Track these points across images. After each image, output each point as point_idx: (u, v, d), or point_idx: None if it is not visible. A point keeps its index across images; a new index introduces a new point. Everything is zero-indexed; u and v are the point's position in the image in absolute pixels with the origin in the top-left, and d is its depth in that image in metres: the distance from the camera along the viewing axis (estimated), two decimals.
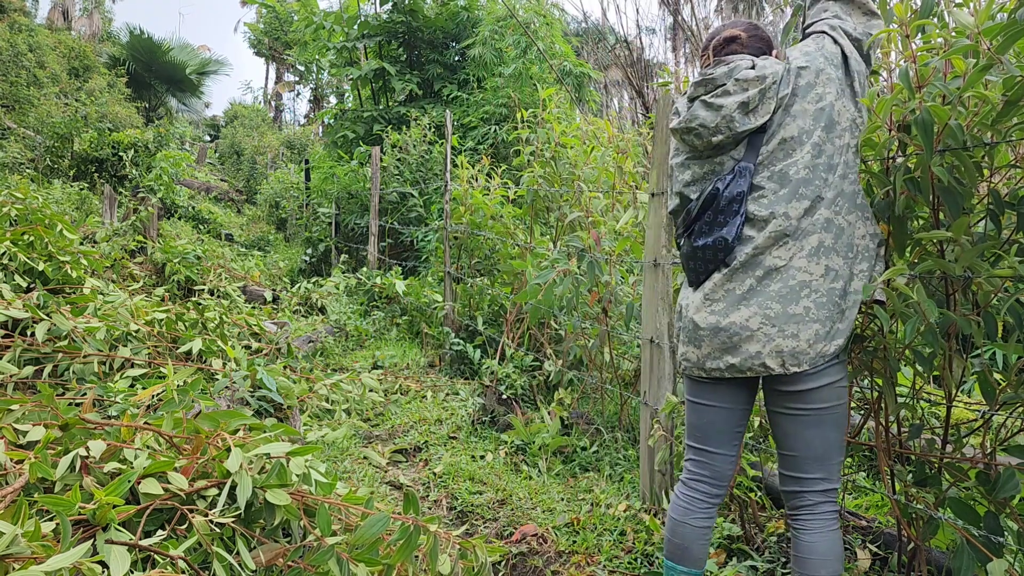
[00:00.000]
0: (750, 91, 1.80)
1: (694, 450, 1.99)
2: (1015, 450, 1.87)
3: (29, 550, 1.48)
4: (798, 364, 1.74)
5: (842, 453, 1.83)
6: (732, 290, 1.82)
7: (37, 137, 11.05)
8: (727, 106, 1.81)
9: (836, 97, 1.80)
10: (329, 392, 4.31)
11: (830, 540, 1.78)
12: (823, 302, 1.75)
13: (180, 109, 25.68)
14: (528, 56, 8.81)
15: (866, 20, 1.88)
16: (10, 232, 3.99)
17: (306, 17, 10.78)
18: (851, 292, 1.78)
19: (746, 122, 1.81)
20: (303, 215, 11.79)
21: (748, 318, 1.78)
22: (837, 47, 1.85)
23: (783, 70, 1.83)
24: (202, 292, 6.48)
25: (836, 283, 1.76)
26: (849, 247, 1.78)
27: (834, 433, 1.80)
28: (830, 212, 1.77)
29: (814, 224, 1.77)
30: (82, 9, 26.15)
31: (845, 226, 1.78)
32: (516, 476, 3.39)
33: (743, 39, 1.94)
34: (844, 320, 1.77)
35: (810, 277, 1.76)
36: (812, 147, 1.78)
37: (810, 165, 1.79)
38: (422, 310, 6.30)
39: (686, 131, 1.89)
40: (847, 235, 1.78)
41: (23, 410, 2.24)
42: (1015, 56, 1.75)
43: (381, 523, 1.88)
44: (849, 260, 1.78)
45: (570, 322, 4.05)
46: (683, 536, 1.94)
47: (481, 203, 5.43)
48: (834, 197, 1.78)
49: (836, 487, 1.82)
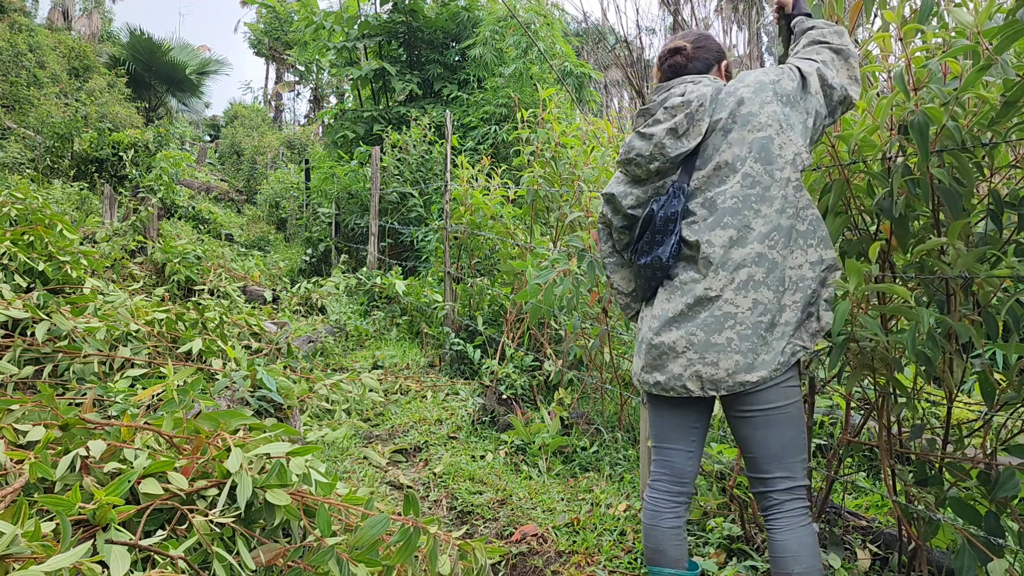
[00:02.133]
0: (677, 116, 1.87)
1: (655, 449, 2.03)
2: (1015, 450, 1.87)
3: (29, 550, 1.48)
4: (716, 390, 1.81)
5: (803, 451, 1.84)
6: (668, 310, 1.89)
7: (37, 137, 11.05)
8: (657, 134, 1.89)
9: (778, 131, 1.81)
10: (329, 392, 4.31)
11: (799, 536, 1.79)
12: (747, 334, 1.78)
13: (180, 109, 25.68)
14: (528, 56, 8.80)
15: (849, 84, 1.86)
16: (10, 232, 3.99)
17: (306, 17, 10.78)
18: (780, 324, 1.78)
19: (678, 146, 1.88)
20: (303, 215, 11.79)
21: (676, 340, 1.85)
22: (796, 83, 1.85)
23: (713, 92, 1.88)
24: (202, 292, 6.48)
25: (763, 316, 1.78)
26: (781, 281, 1.78)
27: (789, 432, 1.81)
28: (763, 246, 1.79)
29: (745, 257, 1.79)
30: (82, 9, 26.15)
31: (779, 260, 1.79)
32: (516, 476, 3.39)
33: (688, 51, 2.00)
34: (770, 351, 1.77)
35: (736, 310, 1.79)
36: (743, 177, 1.82)
37: (739, 195, 1.82)
38: (422, 310, 6.30)
39: (627, 162, 1.97)
40: (780, 269, 1.79)
41: (23, 410, 2.24)
42: (1016, 56, 1.75)
43: (381, 524, 1.88)
44: (779, 293, 1.78)
45: (570, 322, 4.05)
46: (656, 539, 1.94)
47: (481, 203, 5.43)
48: (768, 231, 1.79)
49: (802, 484, 1.83)
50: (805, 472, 1.85)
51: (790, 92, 1.84)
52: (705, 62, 2.02)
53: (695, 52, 2.01)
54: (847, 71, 1.86)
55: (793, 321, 1.79)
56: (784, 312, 1.79)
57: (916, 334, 1.76)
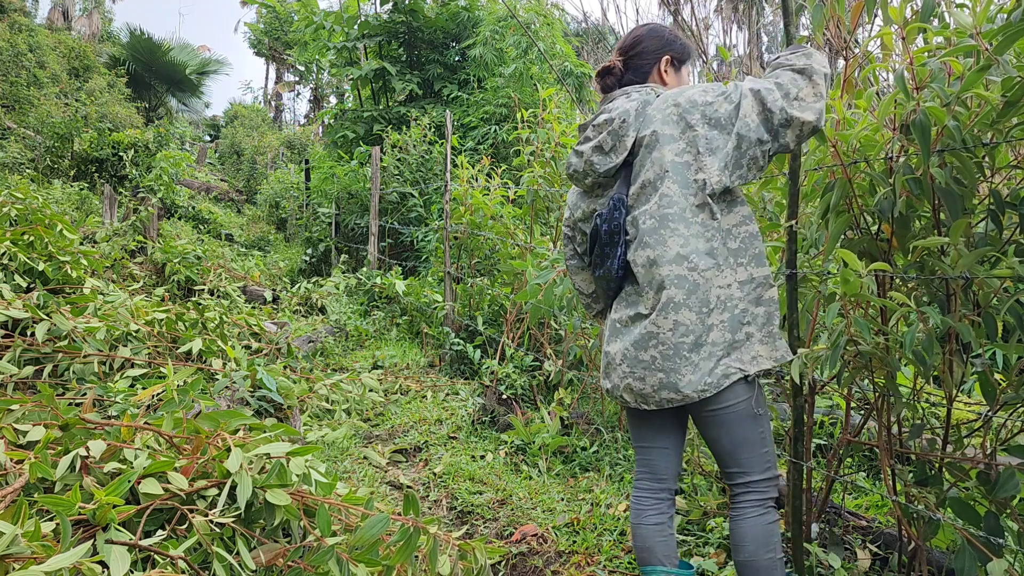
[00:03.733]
0: (601, 134, 1.92)
1: (635, 449, 2.07)
2: (1015, 450, 1.87)
3: (29, 550, 1.48)
4: (646, 404, 1.85)
5: (760, 447, 1.82)
6: (615, 320, 1.94)
7: (37, 137, 11.05)
8: (586, 151, 1.95)
9: (696, 155, 1.80)
10: (329, 392, 4.31)
11: (746, 526, 1.81)
12: (669, 355, 1.79)
13: (180, 109, 25.68)
14: (529, 56, 8.80)
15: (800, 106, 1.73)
16: (10, 232, 3.99)
17: (306, 17, 10.78)
18: (707, 344, 1.77)
19: (605, 162, 1.93)
20: (303, 215, 11.79)
21: (616, 351, 1.91)
22: (733, 105, 1.78)
23: (640, 105, 1.88)
24: (202, 292, 6.48)
25: (685, 338, 1.77)
26: (704, 302, 1.77)
27: (740, 431, 1.81)
28: (681, 268, 1.78)
29: (664, 279, 1.80)
30: (82, 9, 26.15)
31: (700, 282, 1.77)
32: (516, 476, 3.39)
33: (617, 69, 2.02)
34: (696, 371, 1.77)
35: (658, 330, 1.81)
36: (661, 197, 1.82)
37: (657, 216, 1.82)
38: (422, 310, 6.30)
39: (569, 177, 2.06)
40: (702, 290, 1.77)
41: (23, 410, 2.24)
42: (1016, 56, 1.75)
43: (381, 524, 1.87)
44: (703, 314, 1.77)
45: (570, 322, 4.05)
46: (642, 537, 1.95)
47: (481, 203, 5.43)
48: (687, 253, 1.78)
49: (758, 479, 1.82)
50: (767, 467, 1.83)
51: (721, 115, 1.78)
52: (641, 70, 2.01)
53: (629, 62, 2.02)
54: (811, 89, 1.73)
55: (722, 342, 1.77)
56: (711, 332, 1.77)
57: (915, 335, 1.76)
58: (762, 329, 1.80)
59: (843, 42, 2.13)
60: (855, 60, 2.11)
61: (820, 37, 2.12)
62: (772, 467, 1.85)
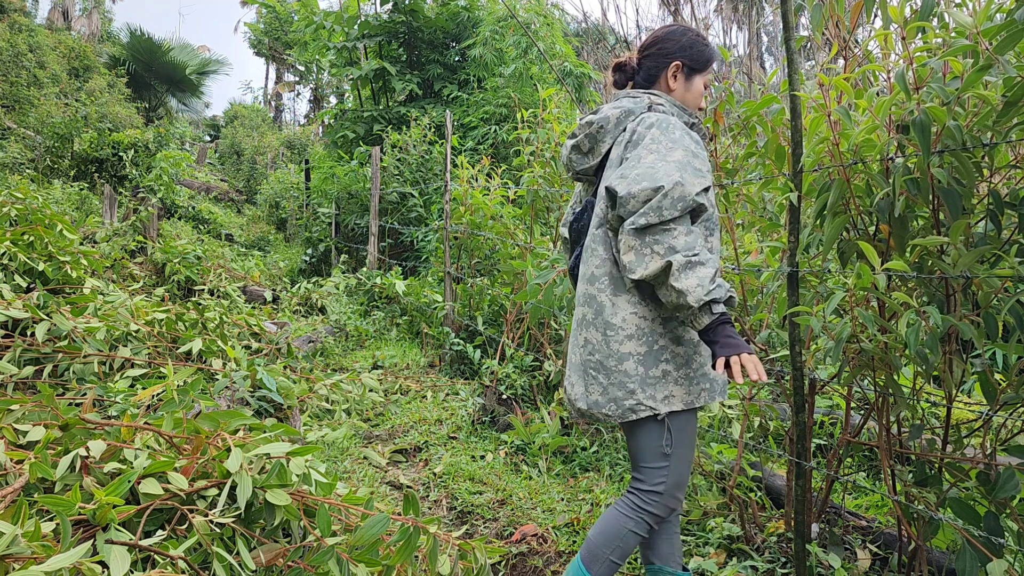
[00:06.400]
0: (580, 136, 1.94)
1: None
2: (1015, 450, 1.87)
3: (29, 550, 1.48)
4: (572, 407, 1.88)
5: (656, 460, 1.78)
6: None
7: (37, 137, 11.06)
8: (567, 148, 1.99)
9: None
10: (329, 392, 4.31)
11: (609, 515, 1.84)
12: (578, 368, 1.84)
13: (180, 109, 25.67)
14: (528, 56, 8.80)
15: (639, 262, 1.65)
16: (10, 232, 3.99)
17: (306, 17, 10.78)
18: (618, 371, 1.75)
19: (582, 162, 1.96)
20: (303, 215, 11.79)
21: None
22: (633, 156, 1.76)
23: (620, 115, 1.87)
24: (202, 292, 6.48)
25: (591, 356, 1.80)
26: (608, 325, 1.77)
27: (636, 440, 1.81)
28: (593, 288, 1.82)
29: (582, 295, 1.85)
30: (82, 9, 26.14)
31: (606, 304, 1.78)
32: (516, 476, 3.39)
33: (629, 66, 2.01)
34: (604, 394, 1.78)
35: (575, 343, 1.87)
36: (595, 215, 1.87)
37: (590, 233, 1.87)
38: (422, 310, 6.30)
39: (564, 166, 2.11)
40: (606, 313, 1.78)
41: (23, 410, 2.24)
42: (1016, 56, 1.75)
43: (381, 524, 1.88)
44: (608, 337, 1.77)
45: (570, 322, 4.05)
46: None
47: (481, 203, 5.43)
48: (600, 274, 1.81)
49: (646, 489, 1.79)
50: (658, 482, 1.78)
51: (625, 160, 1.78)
52: (650, 72, 1.96)
53: (643, 61, 1.98)
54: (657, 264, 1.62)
55: (635, 374, 1.73)
56: (626, 361, 1.74)
57: (918, 333, 1.76)
58: (680, 369, 1.76)
59: (843, 42, 2.13)
60: (855, 60, 2.11)
61: (820, 37, 2.12)
62: (664, 484, 1.79)
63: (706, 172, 1.72)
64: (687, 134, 1.77)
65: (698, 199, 1.64)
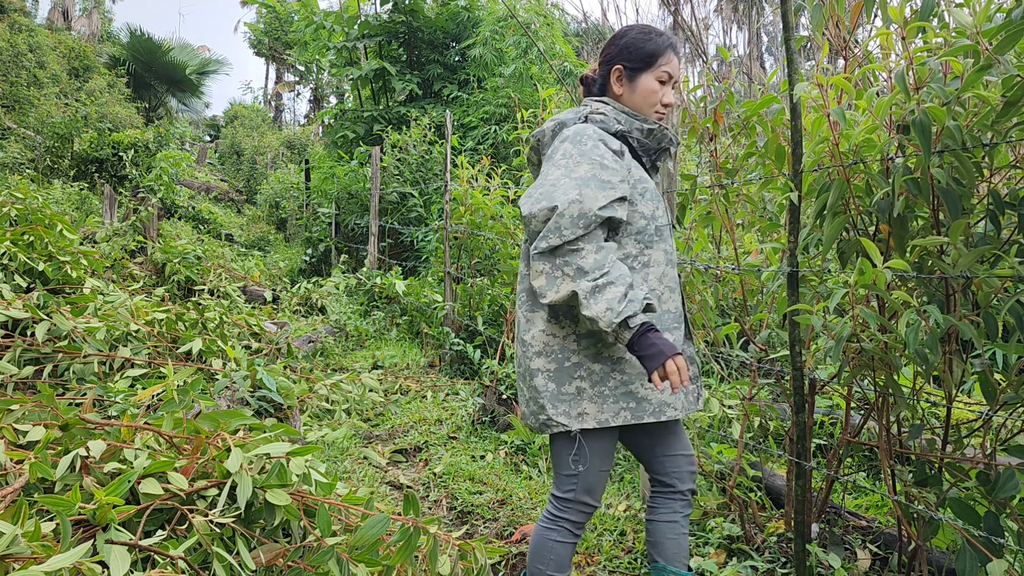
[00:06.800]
0: (528, 149, 1.97)
1: None
2: (1015, 450, 1.87)
3: (29, 550, 1.48)
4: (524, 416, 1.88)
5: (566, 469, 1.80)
6: None
7: (37, 137, 11.06)
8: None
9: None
10: (329, 392, 4.31)
11: (535, 531, 1.87)
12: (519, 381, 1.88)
13: (180, 109, 25.68)
14: (528, 56, 8.81)
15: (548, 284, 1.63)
16: (10, 232, 3.99)
17: (306, 17, 10.78)
18: (532, 385, 1.76)
19: (535, 173, 1.97)
20: (303, 215, 11.79)
21: None
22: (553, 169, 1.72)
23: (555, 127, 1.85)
24: (202, 292, 6.48)
25: (520, 367, 1.85)
26: (522, 342, 1.81)
27: (552, 449, 1.85)
28: (520, 301, 1.85)
29: (517, 307, 1.87)
30: (82, 9, 26.15)
31: (523, 321, 1.82)
32: (516, 476, 3.39)
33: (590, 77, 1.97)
34: (528, 404, 1.81)
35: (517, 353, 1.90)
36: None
37: (523, 249, 1.88)
38: (422, 310, 6.30)
39: None
40: (521, 330, 1.82)
41: (23, 410, 2.24)
42: (1016, 56, 1.75)
43: (381, 524, 1.87)
44: (523, 353, 1.81)
45: None
46: (651, 532, 1.96)
47: (481, 203, 5.43)
48: (520, 291, 1.85)
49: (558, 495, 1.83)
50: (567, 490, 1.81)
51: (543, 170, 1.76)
52: (601, 81, 1.91)
53: (597, 70, 1.94)
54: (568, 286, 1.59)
55: (545, 390, 1.73)
56: (536, 377, 1.75)
57: (918, 333, 1.76)
58: (595, 387, 1.73)
59: (843, 42, 2.13)
60: (855, 60, 2.11)
61: (820, 37, 2.12)
62: (573, 492, 1.81)
63: (617, 183, 1.64)
64: (599, 144, 1.70)
65: (602, 213, 1.59)
